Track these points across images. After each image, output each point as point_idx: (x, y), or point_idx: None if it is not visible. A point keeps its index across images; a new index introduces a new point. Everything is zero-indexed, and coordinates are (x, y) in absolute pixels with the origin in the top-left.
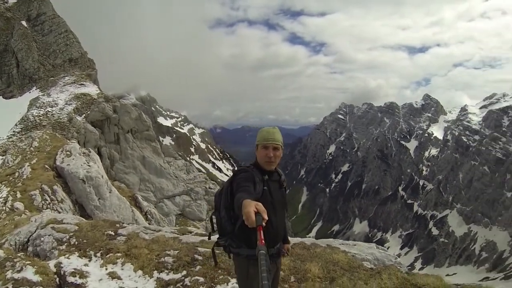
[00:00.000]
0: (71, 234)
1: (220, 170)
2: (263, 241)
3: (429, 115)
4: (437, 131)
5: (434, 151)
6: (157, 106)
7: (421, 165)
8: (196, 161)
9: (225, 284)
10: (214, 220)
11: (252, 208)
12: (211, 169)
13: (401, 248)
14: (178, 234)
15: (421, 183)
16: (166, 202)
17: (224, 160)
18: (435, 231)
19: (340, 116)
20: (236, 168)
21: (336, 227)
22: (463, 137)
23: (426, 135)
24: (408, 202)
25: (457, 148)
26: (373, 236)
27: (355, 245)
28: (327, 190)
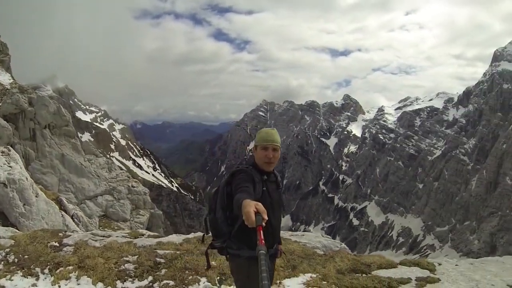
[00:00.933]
0: (7, 250)
1: (140, 167)
2: (263, 241)
3: (349, 114)
4: (355, 129)
5: (353, 148)
6: (75, 100)
7: (340, 160)
8: (116, 159)
9: (197, 284)
10: (208, 223)
11: (252, 208)
12: (132, 167)
13: None
14: (131, 238)
15: (341, 177)
16: (88, 203)
17: (144, 157)
18: (355, 222)
19: (261, 113)
20: (234, 169)
21: None
22: (379, 135)
23: (346, 132)
24: (329, 196)
25: (374, 145)
26: (296, 230)
27: (303, 235)
28: None
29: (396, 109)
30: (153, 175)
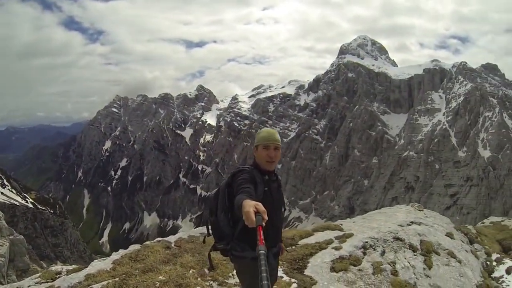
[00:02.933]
0: None
1: None
2: (263, 241)
3: (203, 104)
4: (210, 118)
5: (208, 137)
6: None
7: (197, 151)
8: None
9: None
10: (210, 225)
11: (252, 208)
12: None
13: None
14: (48, 281)
15: (200, 167)
16: None
17: None
18: None
19: (114, 109)
20: (234, 169)
21: (126, 225)
22: (234, 123)
23: (200, 123)
24: (190, 187)
25: (230, 132)
26: (165, 226)
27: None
28: (109, 188)
29: (250, 97)
30: (1, 193)
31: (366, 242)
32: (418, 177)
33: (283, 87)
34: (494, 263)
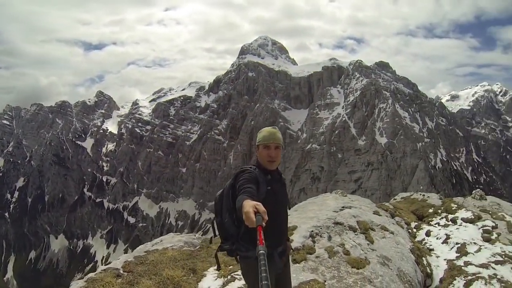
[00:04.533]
0: None
1: None
2: (262, 241)
3: (103, 111)
4: (111, 126)
5: (111, 146)
6: None
7: (100, 161)
8: None
9: None
10: (216, 226)
11: (251, 208)
12: None
13: (108, 247)
14: None
15: (104, 179)
16: None
17: None
18: (131, 220)
19: (5, 121)
20: (237, 170)
21: (32, 254)
22: (136, 129)
23: (101, 131)
24: (97, 201)
25: (132, 139)
26: (75, 247)
27: (161, 240)
28: (6, 214)
29: (150, 101)
30: None
31: (312, 231)
32: (323, 167)
33: (183, 89)
34: (415, 230)
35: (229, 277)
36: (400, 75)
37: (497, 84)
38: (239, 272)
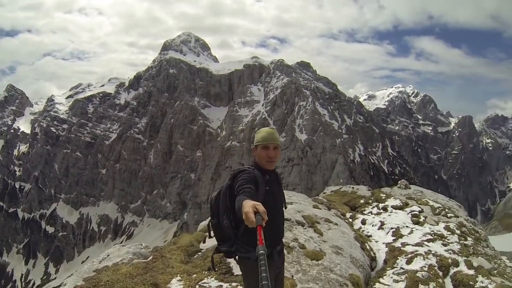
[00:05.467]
0: None
1: None
2: (263, 241)
3: (14, 108)
4: (24, 125)
5: (24, 148)
6: None
7: (12, 166)
8: None
9: None
10: (212, 227)
11: (251, 208)
12: None
13: (26, 263)
14: None
15: (17, 185)
16: None
17: None
18: (50, 229)
19: None
20: (235, 171)
21: None
22: (52, 128)
23: (13, 131)
24: (10, 211)
25: (48, 140)
26: None
27: (108, 255)
28: None
29: (67, 98)
30: None
31: None
32: (243, 164)
33: (103, 85)
34: (350, 220)
35: (197, 286)
36: (320, 75)
37: (410, 87)
38: (206, 280)
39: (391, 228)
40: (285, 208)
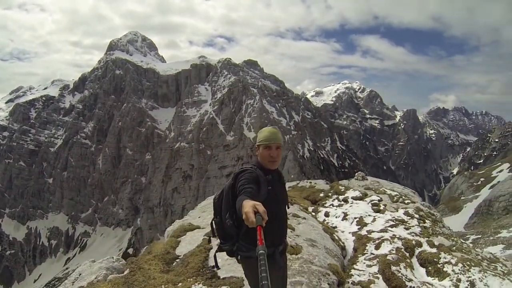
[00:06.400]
0: None
1: None
2: (262, 241)
3: None
4: None
5: None
6: None
7: None
8: None
9: None
10: (215, 225)
11: (251, 208)
12: None
13: None
14: None
15: None
16: None
17: None
18: None
19: None
20: (237, 170)
21: None
22: None
23: None
24: None
25: None
26: None
27: (80, 274)
28: None
29: (7, 102)
30: None
31: None
32: (193, 165)
33: (45, 88)
34: (313, 213)
35: None
36: (268, 73)
37: (356, 83)
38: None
39: (355, 218)
40: (288, 207)
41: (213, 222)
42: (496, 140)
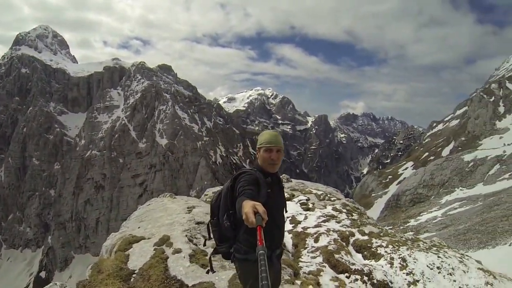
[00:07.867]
0: None
1: None
2: (262, 241)
3: None
4: None
5: None
6: None
7: None
8: None
9: None
10: (211, 227)
11: (251, 208)
12: None
13: None
14: None
15: None
16: None
17: None
18: None
19: None
20: (237, 172)
21: None
22: None
23: None
24: None
25: None
26: None
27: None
28: None
29: None
30: None
31: (186, 235)
32: (105, 174)
33: None
34: None
35: None
36: (181, 78)
37: (269, 89)
38: None
39: (287, 217)
40: (286, 211)
41: (209, 223)
42: (401, 142)
